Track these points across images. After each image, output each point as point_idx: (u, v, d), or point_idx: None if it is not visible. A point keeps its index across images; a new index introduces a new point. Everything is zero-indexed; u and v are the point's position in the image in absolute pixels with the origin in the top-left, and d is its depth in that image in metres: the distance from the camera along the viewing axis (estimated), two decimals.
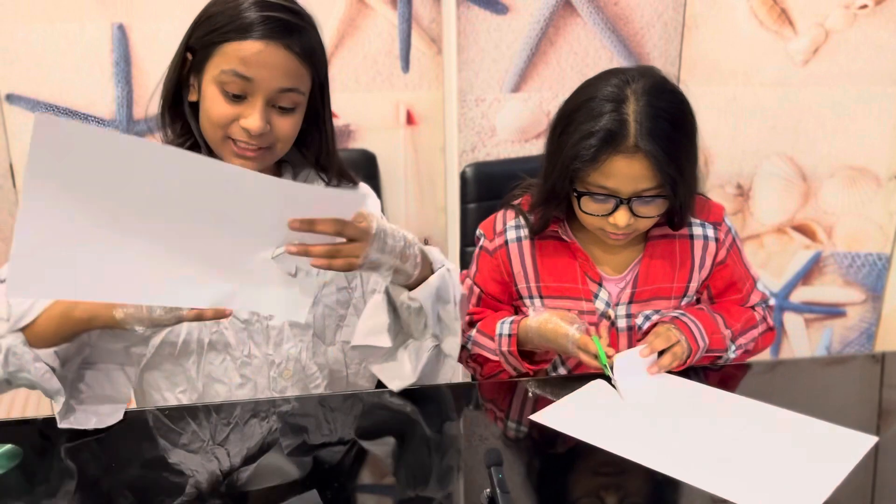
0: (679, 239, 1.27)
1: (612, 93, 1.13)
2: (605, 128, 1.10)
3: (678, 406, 1.09)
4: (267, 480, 0.91)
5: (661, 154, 1.10)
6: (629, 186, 1.13)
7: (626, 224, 1.14)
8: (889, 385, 1.19)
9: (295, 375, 1.21)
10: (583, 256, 1.26)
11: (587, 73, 1.79)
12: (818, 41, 1.86)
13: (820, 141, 1.93)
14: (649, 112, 1.11)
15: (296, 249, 0.90)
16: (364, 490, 0.91)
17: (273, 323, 1.18)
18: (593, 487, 0.92)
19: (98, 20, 1.60)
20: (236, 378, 1.18)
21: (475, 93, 1.78)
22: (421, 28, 1.74)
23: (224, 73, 1.06)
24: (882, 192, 1.95)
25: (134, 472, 0.93)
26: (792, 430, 1.01)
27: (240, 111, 1.07)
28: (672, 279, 1.26)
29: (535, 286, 1.28)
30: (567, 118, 1.16)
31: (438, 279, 1.06)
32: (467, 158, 1.80)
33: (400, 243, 0.99)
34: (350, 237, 0.93)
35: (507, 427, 1.06)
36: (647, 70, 1.17)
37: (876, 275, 2.02)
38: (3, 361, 0.96)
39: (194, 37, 1.11)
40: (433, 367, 1.13)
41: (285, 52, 1.06)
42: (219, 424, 1.02)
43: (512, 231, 1.29)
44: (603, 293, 1.25)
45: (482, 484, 0.85)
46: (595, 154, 1.11)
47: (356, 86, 1.75)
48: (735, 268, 1.30)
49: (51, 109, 1.63)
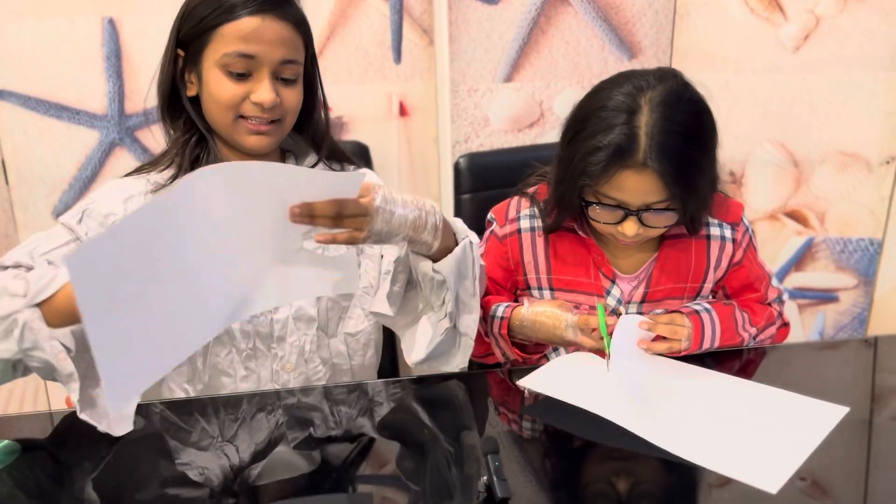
0: (696, 239, 1.24)
1: (625, 103, 1.08)
2: (614, 143, 1.06)
3: (662, 378, 1.11)
4: (278, 473, 0.91)
5: (671, 172, 1.06)
6: (638, 200, 1.10)
7: (635, 234, 1.12)
8: (882, 369, 1.20)
9: (297, 369, 1.21)
10: (598, 253, 1.24)
11: (579, 62, 1.79)
12: (809, 27, 1.86)
13: (811, 127, 1.94)
14: (662, 126, 1.06)
15: (300, 220, 0.90)
16: (365, 480, 0.91)
17: (277, 317, 1.18)
18: (590, 473, 0.93)
19: (88, 15, 1.59)
20: (241, 370, 1.19)
21: (467, 83, 1.78)
22: (412, 19, 1.74)
23: (226, 55, 1.07)
24: (873, 177, 1.95)
25: (137, 466, 0.93)
26: (767, 402, 1.04)
27: (248, 88, 1.09)
28: (686, 279, 1.25)
29: (545, 277, 1.26)
30: (579, 124, 1.13)
31: (461, 251, 1.04)
32: (460, 149, 1.81)
33: (413, 213, 0.97)
34: (351, 214, 0.92)
35: (504, 415, 1.07)
36: (665, 74, 1.12)
37: (868, 260, 2.03)
38: (19, 337, 0.93)
39: (183, 31, 1.11)
40: (448, 346, 1.11)
41: (281, 22, 1.08)
42: (227, 420, 1.02)
43: (526, 220, 1.27)
44: (615, 290, 1.24)
45: (479, 471, 0.85)
46: (603, 169, 1.07)
47: (348, 77, 1.75)
48: (752, 267, 1.28)
49: (42, 105, 1.62)
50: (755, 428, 0.97)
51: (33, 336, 0.93)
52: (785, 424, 0.98)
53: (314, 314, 1.20)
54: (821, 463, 0.89)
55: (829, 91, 1.91)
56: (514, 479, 0.86)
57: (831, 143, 1.95)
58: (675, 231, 1.23)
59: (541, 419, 1.03)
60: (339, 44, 1.72)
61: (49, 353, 0.93)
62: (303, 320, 1.19)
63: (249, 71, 1.08)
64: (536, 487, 0.88)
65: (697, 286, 1.26)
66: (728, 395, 1.06)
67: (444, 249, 1.03)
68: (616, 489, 0.88)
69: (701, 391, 1.07)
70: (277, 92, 1.10)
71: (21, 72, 1.60)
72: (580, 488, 0.89)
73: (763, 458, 0.90)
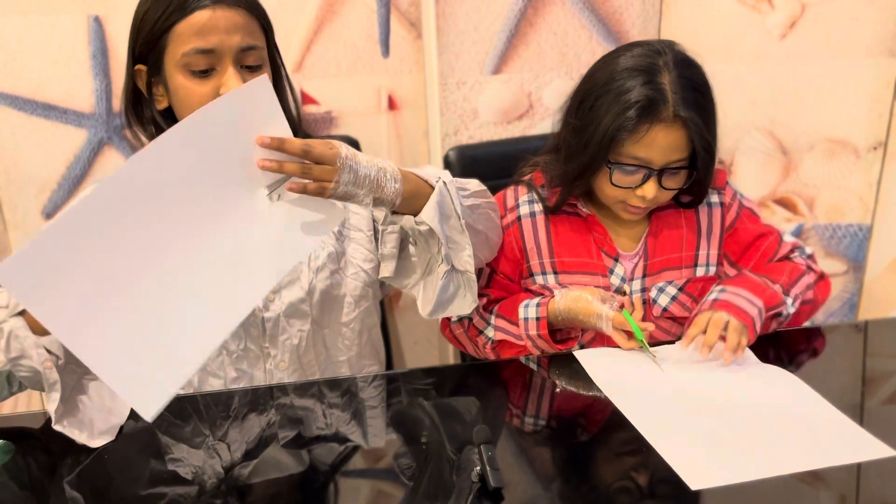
0: (684, 209, 1.27)
1: (644, 63, 1.13)
2: (645, 96, 1.10)
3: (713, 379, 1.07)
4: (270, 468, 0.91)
5: (697, 122, 1.11)
6: (663, 157, 1.13)
7: (654, 196, 1.15)
8: (872, 353, 1.21)
9: (291, 366, 1.21)
10: (601, 231, 1.25)
11: (567, 54, 1.79)
12: (795, 15, 1.87)
13: (799, 114, 1.95)
14: (683, 83, 1.12)
15: (269, 164, 0.90)
16: (358, 472, 0.92)
17: (268, 315, 1.18)
18: (582, 463, 0.93)
19: (74, 12, 1.58)
20: (231, 372, 1.18)
21: (456, 76, 1.77)
22: (400, 12, 1.74)
23: (185, 55, 1.06)
24: (861, 163, 1.96)
25: (129, 464, 0.93)
26: (809, 410, 0.99)
27: (215, 84, 1.07)
28: (680, 249, 1.26)
29: (549, 261, 1.26)
30: (598, 91, 1.16)
31: (437, 195, 1.04)
32: (450, 142, 1.80)
33: (373, 171, 0.98)
34: (317, 158, 0.92)
35: (497, 406, 1.07)
36: (668, 42, 1.17)
37: (857, 245, 2.04)
38: (5, 346, 0.92)
39: (139, 42, 1.09)
40: (453, 288, 1.11)
41: (233, 10, 1.06)
42: (217, 418, 1.02)
43: (525, 206, 1.28)
44: (618, 268, 1.25)
45: (473, 461, 0.86)
46: (635, 124, 1.11)
47: (336, 72, 1.75)
48: (750, 227, 1.29)
49: (29, 104, 1.61)
50: (773, 428, 0.94)
51: (19, 344, 0.92)
52: (808, 438, 0.93)
53: (307, 309, 1.20)
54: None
55: (817, 78, 1.92)
56: (507, 469, 0.86)
57: (819, 130, 1.96)
58: (664, 204, 1.25)
59: (535, 409, 1.03)
60: (326, 38, 1.72)
61: (36, 361, 0.92)
62: (296, 316, 1.19)
63: (212, 66, 1.07)
64: (530, 477, 0.88)
65: (692, 254, 1.27)
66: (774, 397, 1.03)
67: (422, 196, 1.04)
68: (608, 479, 0.89)
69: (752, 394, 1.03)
70: (244, 79, 1.08)
71: (7, 71, 1.59)
72: (573, 477, 0.89)
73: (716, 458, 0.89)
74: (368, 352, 1.30)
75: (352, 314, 1.24)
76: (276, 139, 0.89)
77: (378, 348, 1.35)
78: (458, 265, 1.09)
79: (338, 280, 1.22)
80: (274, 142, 0.89)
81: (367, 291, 1.25)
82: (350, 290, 1.23)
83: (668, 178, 1.16)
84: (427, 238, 1.08)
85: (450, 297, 1.11)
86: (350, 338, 1.25)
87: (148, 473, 0.90)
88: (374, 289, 1.27)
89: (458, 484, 0.84)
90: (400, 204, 1.02)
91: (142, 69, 1.11)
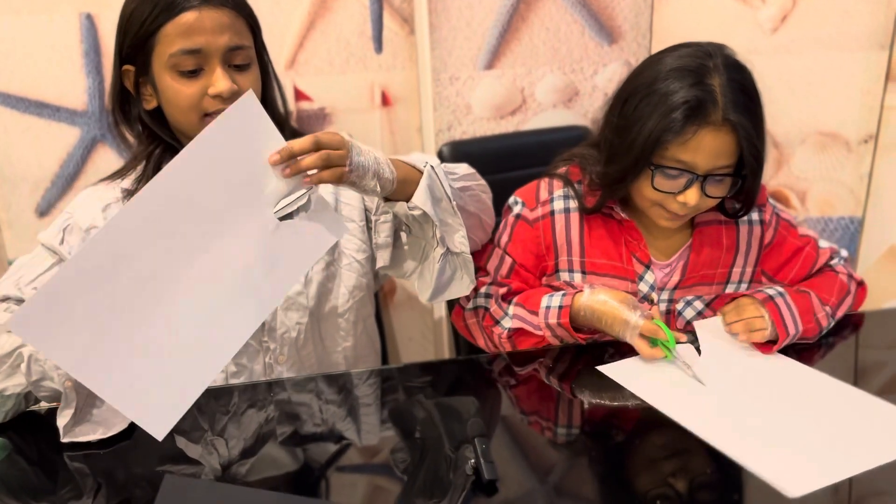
0: (725, 225, 1.24)
1: (693, 65, 1.09)
2: (694, 97, 1.07)
3: (751, 381, 1.06)
4: (267, 463, 0.92)
5: (747, 128, 1.07)
6: (708, 162, 1.09)
7: (696, 204, 1.11)
8: (865, 344, 1.22)
9: (290, 360, 1.21)
10: (637, 237, 1.22)
11: (560, 49, 1.79)
12: (786, 8, 1.87)
13: (791, 108, 1.95)
14: (734, 87, 1.08)
15: (290, 171, 0.89)
16: (353, 467, 0.92)
17: None
18: (577, 456, 0.94)
19: (66, 10, 1.58)
20: (231, 367, 1.19)
21: (449, 71, 1.78)
22: (392, 8, 1.74)
23: (172, 56, 1.06)
24: (852, 156, 1.97)
25: (128, 461, 0.94)
26: (859, 409, 0.98)
27: (203, 84, 1.08)
28: (717, 265, 1.24)
29: (578, 260, 1.24)
30: (643, 90, 1.12)
31: (427, 179, 1.04)
32: (444, 137, 1.81)
33: (370, 154, 0.98)
34: (327, 145, 0.92)
35: (492, 399, 1.08)
36: (718, 45, 1.14)
37: (849, 238, 2.05)
38: (27, 370, 0.94)
39: (126, 44, 1.09)
40: (450, 271, 1.12)
41: (220, 10, 1.06)
42: (217, 413, 1.03)
43: (560, 201, 1.25)
44: (648, 276, 1.23)
45: (467, 454, 0.86)
46: (682, 126, 1.07)
47: (330, 68, 1.75)
48: (789, 240, 1.27)
49: (22, 102, 1.61)
50: (823, 431, 0.92)
51: (40, 367, 0.94)
52: (861, 435, 0.92)
53: (304, 301, 1.20)
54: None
55: (808, 72, 1.93)
56: (501, 462, 0.87)
57: (810, 124, 1.97)
58: (705, 217, 1.23)
59: (529, 402, 1.04)
60: (319, 35, 1.72)
61: (57, 382, 0.94)
62: (293, 308, 1.20)
63: (199, 66, 1.07)
64: (524, 469, 0.89)
65: (726, 271, 1.25)
66: (820, 396, 1.01)
67: (412, 182, 1.04)
68: (603, 472, 0.89)
69: (792, 397, 1.02)
70: (233, 80, 1.08)
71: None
72: (567, 470, 0.90)
73: (803, 461, 0.86)
74: (364, 342, 1.31)
75: (347, 304, 1.25)
76: (284, 150, 0.88)
77: (374, 339, 1.35)
78: (452, 247, 1.09)
79: (333, 271, 1.23)
80: (284, 153, 0.89)
81: (360, 281, 1.26)
82: (344, 280, 1.24)
83: (711, 186, 1.12)
84: (421, 223, 1.08)
85: (447, 280, 1.12)
86: (346, 328, 1.26)
87: (146, 469, 0.91)
88: (367, 279, 1.27)
89: (452, 477, 0.85)
90: (392, 191, 1.03)
91: (129, 70, 1.11)
